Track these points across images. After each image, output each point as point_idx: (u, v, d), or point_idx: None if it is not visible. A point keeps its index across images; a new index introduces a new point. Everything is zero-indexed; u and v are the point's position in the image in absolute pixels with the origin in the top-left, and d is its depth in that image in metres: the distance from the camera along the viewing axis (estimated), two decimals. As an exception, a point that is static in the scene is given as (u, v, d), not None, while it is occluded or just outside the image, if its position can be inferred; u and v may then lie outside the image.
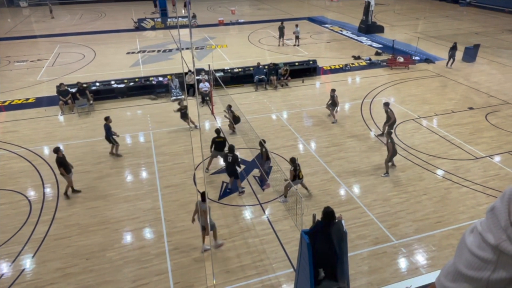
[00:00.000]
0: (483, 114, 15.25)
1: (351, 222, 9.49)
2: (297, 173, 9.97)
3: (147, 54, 24.07)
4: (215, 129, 11.86)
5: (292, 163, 9.95)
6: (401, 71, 20.41)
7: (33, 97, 17.31)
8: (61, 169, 10.25)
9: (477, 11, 37.70)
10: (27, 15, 37.66)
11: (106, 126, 12.24)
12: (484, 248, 0.90)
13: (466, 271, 0.93)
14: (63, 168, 10.23)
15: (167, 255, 8.62)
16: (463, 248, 0.97)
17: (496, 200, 0.92)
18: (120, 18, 35.27)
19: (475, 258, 0.91)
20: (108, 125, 12.26)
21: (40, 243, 8.99)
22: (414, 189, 10.76)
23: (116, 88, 17.21)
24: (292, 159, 9.95)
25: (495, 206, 0.91)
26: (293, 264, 8.22)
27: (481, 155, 12.44)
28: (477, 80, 19.01)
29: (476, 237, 0.94)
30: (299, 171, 10.04)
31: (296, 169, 9.88)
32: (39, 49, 25.33)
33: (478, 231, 0.93)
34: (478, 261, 0.91)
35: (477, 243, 0.92)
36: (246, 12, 38.17)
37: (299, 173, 10.07)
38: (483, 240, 0.91)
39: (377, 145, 13.11)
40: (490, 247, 0.89)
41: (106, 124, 12.26)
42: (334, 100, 14.45)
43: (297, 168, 9.90)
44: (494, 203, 0.92)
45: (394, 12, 37.73)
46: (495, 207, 0.91)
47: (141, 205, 10.25)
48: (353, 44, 26.21)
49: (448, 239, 8.98)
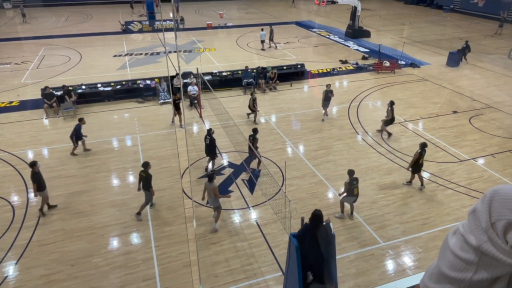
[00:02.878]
0: (467, 118, 15.57)
1: (339, 225, 9.54)
2: (353, 188, 9.30)
3: (135, 57, 23.88)
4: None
5: (350, 175, 9.30)
6: (387, 75, 20.71)
7: (17, 100, 16.97)
8: (34, 186, 9.47)
9: (461, 17, 38.59)
10: (12, 17, 36.96)
11: (78, 126, 12.29)
12: (466, 250, 0.91)
13: (449, 272, 0.95)
14: (37, 184, 9.48)
15: (154, 260, 8.51)
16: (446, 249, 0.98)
17: (477, 202, 0.94)
18: (107, 21, 34.91)
19: (458, 260, 0.93)
20: (79, 126, 12.31)
21: (23, 249, 8.78)
22: (401, 192, 10.90)
23: (102, 91, 17.00)
24: (350, 172, 9.31)
25: (477, 208, 0.93)
26: (282, 267, 8.21)
27: (465, 157, 12.68)
28: (460, 85, 19.42)
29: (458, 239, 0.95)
30: (354, 187, 9.32)
31: (353, 183, 9.25)
32: (23, 51, 24.86)
33: (460, 233, 0.95)
34: (461, 263, 0.92)
35: (460, 245, 0.94)
36: (234, 16, 38.25)
37: (355, 189, 9.36)
38: (465, 241, 0.92)
39: (364, 149, 13.24)
40: (472, 249, 0.90)
41: (78, 124, 12.33)
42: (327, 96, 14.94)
43: (353, 183, 9.26)
44: (475, 205, 0.94)
45: (380, 17, 38.33)
46: (476, 209, 0.93)
47: (127, 210, 10.11)
48: (340, 48, 26.50)
49: (434, 240, 9.10)
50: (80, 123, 12.39)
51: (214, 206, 9.39)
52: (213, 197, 9.10)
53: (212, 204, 9.34)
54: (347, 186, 9.34)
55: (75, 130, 12.27)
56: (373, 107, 16.74)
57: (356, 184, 9.38)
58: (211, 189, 9.03)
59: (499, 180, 11.42)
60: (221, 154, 12.87)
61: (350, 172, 9.43)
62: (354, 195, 9.45)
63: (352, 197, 9.48)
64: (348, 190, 9.36)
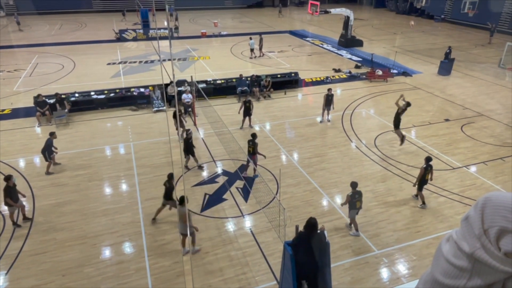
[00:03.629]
0: (458, 126, 15.75)
1: (333, 233, 9.52)
2: (355, 201, 9.14)
3: (129, 65, 23.86)
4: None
5: (352, 188, 9.18)
6: (380, 84, 20.92)
7: (9, 108, 16.82)
8: (7, 199, 9.25)
9: (452, 26, 39.27)
10: (5, 25, 36.83)
11: (49, 141, 11.83)
12: (459, 257, 0.91)
13: (442, 279, 0.94)
14: (9, 198, 9.27)
15: (147, 270, 8.41)
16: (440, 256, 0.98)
17: (470, 209, 0.94)
18: (101, 29, 34.94)
19: (451, 267, 0.93)
20: (51, 140, 11.89)
21: (14, 259, 8.62)
22: (394, 199, 10.93)
23: (96, 99, 16.92)
24: (353, 184, 9.19)
25: (469, 215, 0.93)
26: (276, 276, 8.15)
27: (458, 165, 12.79)
28: (452, 93, 19.68)
29: (451, 246, 0.95)
30: (357, 200, 9.16)
31: (355, 197, 9.12)
32: (16, 59, 24.73)
33: (454, 240, 0.95)
34: (454, 270, 0.92)
35: (453, 252, 0.94)
36: (228, 25, 38.52)
37: (357, 202, 9.20)
38: (458, 248, 0.92)
39: (358, 156, 13.30)
40: (465, 255, 0.90)
41: (49, 138, 11.89)
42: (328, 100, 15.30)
43: (355, 197, 9.13)
44: (468, 212, 0.95)
45: (372, 27, 38.86)
46: (469, 216, 0.93)
47: (120, 219, 10.00)
48: (334, 57, 26.76)
49: (428, 248, 9.12)
50: (52, 137, 11.92)
51: (183, 233, 8.42)
52: (182, 223, 8.25)
53: (182, 230, 8.40)
54: (348, 199, 9.16)
55: (47, 144, 11.73)
56: (366, 115, 16.87)
57: (358, 198, 9.20)
58: (183, 214, 8.14)
59: (491, 187, 11.52)
60: (215, 162, 12.84)
61: (353, 184, 9.21)
62: (357, 208, 9.29)
63: (355, 210, 9.30)
64: (350, 203, 9.20)
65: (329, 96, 15.28)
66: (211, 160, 12.95)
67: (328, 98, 15.29)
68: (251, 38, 25.86)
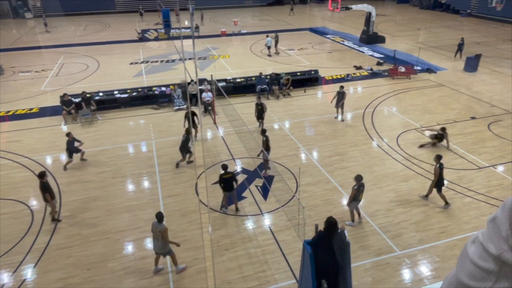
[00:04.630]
0: (485, 124, 15.23)
1: (353, 233, 9.42)
2: (359, 193, 9.23)
3: (150, 65, 24.29)
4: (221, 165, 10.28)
5: (358, 181, 9.22)
6: (402, 81, 20.47)
7: (37, 107, 17.45)
8: (46, 195, 9.58)
9: (478, 21, 37.94)
10: (33, 26, 38.15)
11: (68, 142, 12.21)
12: (485, 259, 0.90)
13: (468, 281, 0.93)
14: (48, 194, 9.59)
15: (168, 266, 8.56)
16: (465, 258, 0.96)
17: (497, 210, 0.92)
18: (124, 29, 35.69)
19: (477, 269, 0.91)
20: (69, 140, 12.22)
21: (41, 253, 8.97)
22: (417, 199, 10.69)
23: (119, 98, 17.33)
24: (359, 177, 9.22)
25: (496, 216, 0.91)
26: (296, 275, 8.14)
27: (484, 164, 12.38)
28: (479, 90, 19.04)
29: (477, 248, 0.94)
30: (361, 192, 9.27)
31: (360, 189, 9.18)
32: (43, 60, 25.61)
33: (480, 241, 0.93)
34: (480, 272, 0.90)
35: (479, 254, 0.92)
36: (248, 23, 38.56)
37: (360, 194, 9.30)
38: (484, 250, 0.90)
39: (379, 155, 13.08)
40: (491, 257, 0.88)
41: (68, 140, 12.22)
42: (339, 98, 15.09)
43: (360, 189, 9.20)
44: (495, 213, 0.93)
45: (395, 22, 38.03)
46: (496, 217, 0.91)
47: (142, 215, 10.22)
48: (355, 54, 26.37)
49: (452, 249, 8.89)
50: (69, 138, 12.22)
51: (160, 252, 8.04)
52: (160, 241, 7.84)
53: (159, 249, 7.99)
54: (355, 192, 9.20)
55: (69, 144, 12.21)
56: (388, 113, 16.55)
57: (362, 190, 9.32)
58: (159, 231, 7.72)
59: (520, 188, 11.10)
60: (234, 160, 12.92)
61: (359, 177, 9.28)
62: (359, 200, 9.42)
63: (357, 202, 9.45)
64: (355, 196, 9.26)
65: (339, 93, 15.11)
66: (230, 158, 13.03)
67: (339, 96, 15.13)
68: (268, 36, 25.86)
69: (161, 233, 7.71)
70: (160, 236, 7.74)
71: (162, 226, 7.75)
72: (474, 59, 21.96)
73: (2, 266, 8.58)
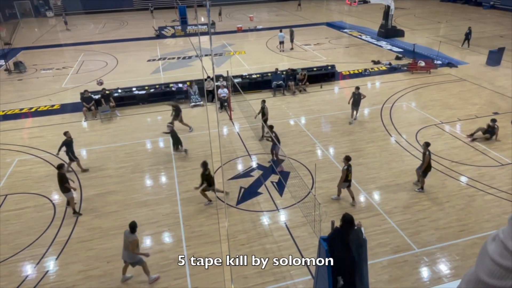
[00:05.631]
0: (508, 120, 14.76)
1: (370, 230, 9.32)
2: (348, 173, 9.81)
3: (167, 61, 24.54)
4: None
5: (347, 161, 9.81)
6: (422, 76, 20.03)
7: (58, 104, 17.91)
8: (66, 185, 9.91)
9: (501, 13, 36.67)
10: (53, 25, 39.09)
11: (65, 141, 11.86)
12: (506, 257, 0.88)
13: (487, 279, 0.91)
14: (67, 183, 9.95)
15: (185, 259, 8.68)
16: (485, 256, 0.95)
17: (519, 208, 0.90)
18: (142, 27, 36.13)
19: (497, 267, 0.89)
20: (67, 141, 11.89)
21: (63, 245, 9.24)
22: (437, 196, 10.49)
23: (137, 94, 17.60)
24: (347, 158, 9.83)
25: (518, 213, 0.89)
26: (311, 271, 8.13)
27: (507, 161, 12.02)
28: (502, 84, 18.45)
29: (498, 245, 0.92)
30: (349, 172, 9.85)
31: (349, 170, 9.77)
32: (64, 57, 26.22)
33: (500, 239, 0.91)
34: (500, 270, 0.89)
35: (499, 251, 0.90)
36: (264, 19, 38.42)
37: (349, 174, 9.87)
38: (505, 248, 0.89)
39: (397, 151, 12.87)
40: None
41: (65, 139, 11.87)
42: (356, 100, 14.58)
43: (349, 169, 9.77)
44: (516, 210, 0.91)
45: (414, 16, 37.17)
46: (517, 215, 0.89)
47: (160, 210, 10.39)
48: (373, 48, 25.93)
49: (472, 248, 8.69)
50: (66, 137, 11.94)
51: (129, 262, 7.93)
52: (130, 252, 7.73)
53: (128, 259, 7.88)
54: (345, 173, 9.76)
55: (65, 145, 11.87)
56: (407, 108, 16.24)
57: (350, 170, 9.90)
58: (130, 241, 7.60)
59: (545, 185, 10.73)
60: (250, 156, 12.95)
61: (348, 158, 9.85)
62: (348, 180, 9.95)
63: (347, 183, 9.99)
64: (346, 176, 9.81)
65: (355, 95, 14.48)
66: (246, 154, 13.08)
67: (355, 97, 14.50)
68: (281, 31, 25.74)
69: (130, 243, 7.60)
70: (130, 246, 7.65)
71: (133, 236, 7.60)
72: (497, 53, 21.27)
73: (26, 258, 8.89)
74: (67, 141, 11.95)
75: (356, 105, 14.70)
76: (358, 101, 14.60)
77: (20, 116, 16.78)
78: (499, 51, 21.34)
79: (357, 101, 14.60)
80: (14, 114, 16.96)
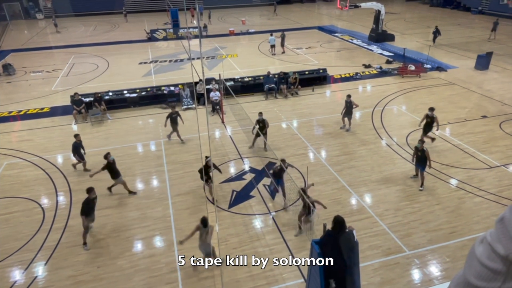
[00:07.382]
0: (497, 123, 15.00)
1: (362, 232, 9.36)
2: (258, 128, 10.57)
3: (159, 64, 24.44)
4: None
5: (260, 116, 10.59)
6: (412, 79, 20.27)
7: (48, 107, 17.69)
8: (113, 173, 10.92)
9: (489, 19, 37.29)
10: (43, 27, 38.68)
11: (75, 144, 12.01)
12: (493, 259, 0.89)
13: (476, 282, 0.92)
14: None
15: (177, 264, 8.61)
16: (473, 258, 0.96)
17: (506, 211, 0.92)
18: (133, 29, 35.95)
19: (485, 269, 0.91)
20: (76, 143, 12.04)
21: (52, 250, 9.10)
22: (427, 199, 10.59)
23: (128, 97, 17.48)
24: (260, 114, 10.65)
25: (505, 216, 0.91)
26: (304, 274, 8.13)
27: (496, 164, 12.20)
28: (490, 88, 18.75)
29: (485, 248, 0.93)
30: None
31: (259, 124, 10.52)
32: (54, 60, 25.94)
33: (488, 242, 0.92)
34: (488, 272, 0.90)
35: (487, 254, 0.91)
36: (256, 22, 38.53)
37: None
38: (492, 250, 0.90)
39: (388, 154, 12.98)
40: (499, 258, 0.88)
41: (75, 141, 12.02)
42: (348, 108, 14.26)
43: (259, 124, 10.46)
44: (503, 213, 0.92)
45: (404, 20, 37.65)
46: (504, 218, 0.90)
47: (151, 213, 10.31)
48: (364, 52, 26.18)
49: (462, 250, 8.79)
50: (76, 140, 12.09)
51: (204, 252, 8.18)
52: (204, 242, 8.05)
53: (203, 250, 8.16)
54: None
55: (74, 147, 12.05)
56: (398, 112, 16.41)
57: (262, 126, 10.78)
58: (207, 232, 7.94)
59: (532, 187, 10.91)
60: (242, 159, 12.94)
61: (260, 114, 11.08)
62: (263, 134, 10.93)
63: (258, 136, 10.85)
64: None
65: (347, 103, 14.10)
66: (238, 157, 13.06)
67: (347, 105, 14.12)
68: (272, 34, 25.86)
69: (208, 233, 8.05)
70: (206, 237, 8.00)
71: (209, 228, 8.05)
72: (485, 57, 21.64)
73: (14, 263, 8.73)
74: (76, 144, 12.04)
75: (348, 114, 14.33)
76: (350, 110, 14.25)
77: (8, 119, 16.54)
78: (487, 56, 21.71)
79: (349, 110, 14.25)
80: (3, 117, 16.71)
